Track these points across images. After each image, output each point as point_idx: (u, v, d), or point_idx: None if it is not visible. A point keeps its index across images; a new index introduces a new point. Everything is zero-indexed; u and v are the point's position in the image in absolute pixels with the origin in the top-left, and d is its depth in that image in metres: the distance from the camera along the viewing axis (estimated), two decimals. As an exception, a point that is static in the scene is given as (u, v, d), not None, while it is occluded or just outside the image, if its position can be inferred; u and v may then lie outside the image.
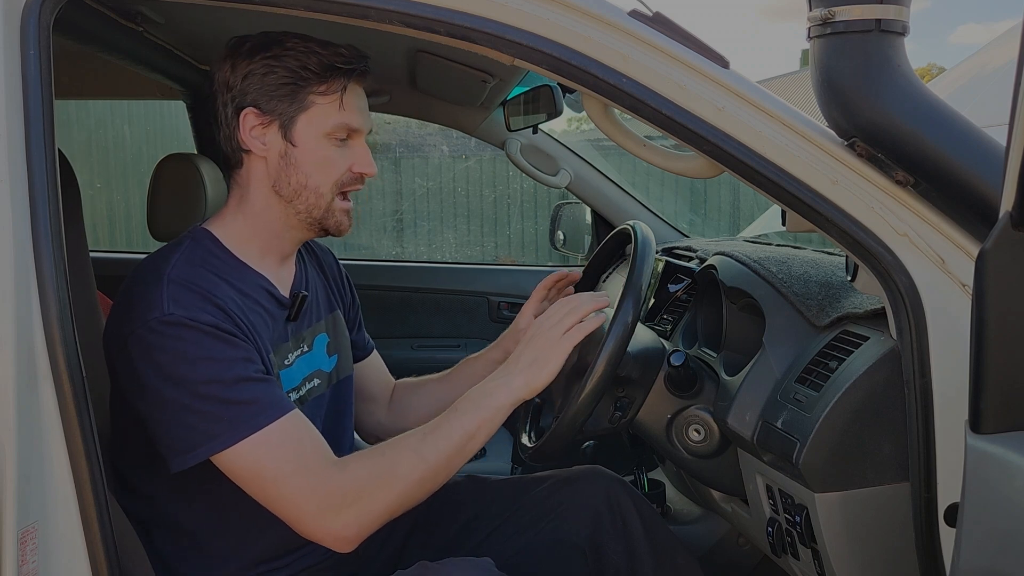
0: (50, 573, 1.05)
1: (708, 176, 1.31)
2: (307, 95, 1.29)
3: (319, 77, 1.29)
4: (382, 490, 1.21)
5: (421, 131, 8.17)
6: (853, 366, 1.28)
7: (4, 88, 1.02)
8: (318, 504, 1.19)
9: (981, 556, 0.97)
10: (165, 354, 1.17)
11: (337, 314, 1.55)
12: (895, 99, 1.15)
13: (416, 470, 1.23)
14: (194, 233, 1.35)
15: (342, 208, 1.35)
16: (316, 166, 1.31)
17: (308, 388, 1.42)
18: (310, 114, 1.30)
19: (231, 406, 1.18)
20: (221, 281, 1.28)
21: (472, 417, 1.27)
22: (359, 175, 1.35)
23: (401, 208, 8.36)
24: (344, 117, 1.31)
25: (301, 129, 1.30)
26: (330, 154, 1.32)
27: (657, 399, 1.58)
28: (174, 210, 2.05)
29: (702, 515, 2.21)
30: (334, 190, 1.33)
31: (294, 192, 1.32)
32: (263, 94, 1.29)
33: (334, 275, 1.61)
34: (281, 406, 1.21)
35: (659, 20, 1.20)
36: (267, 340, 1.31)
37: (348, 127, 1.32)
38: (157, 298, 1.19)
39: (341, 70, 1.29)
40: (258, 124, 1.30)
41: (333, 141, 1.32)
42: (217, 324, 1.20)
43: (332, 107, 1.30)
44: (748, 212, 7.43)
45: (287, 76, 1.28)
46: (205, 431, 1.17)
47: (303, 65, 1.28)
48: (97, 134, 6.72)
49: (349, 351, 1.57)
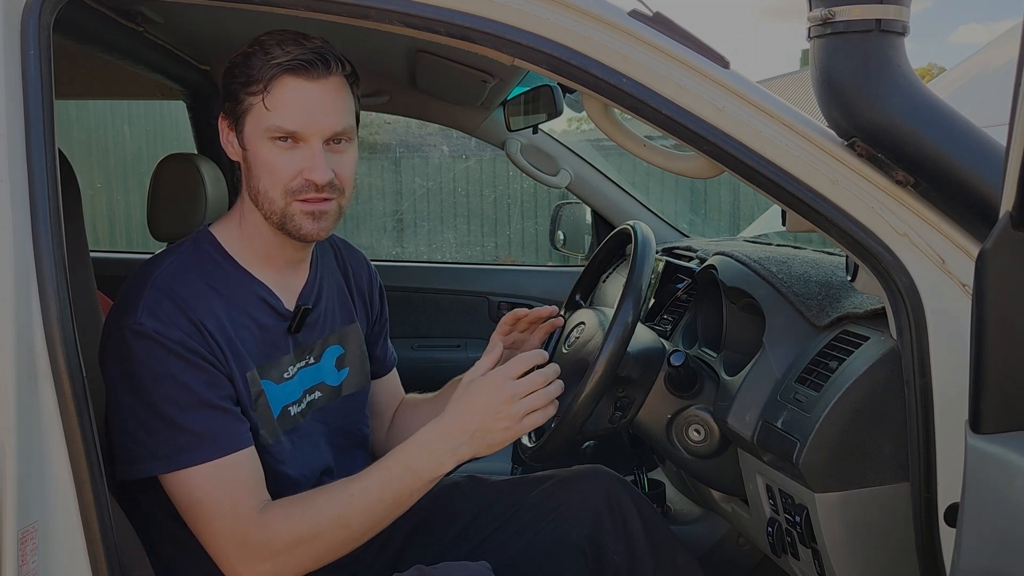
0: (50, 573, 1.05)
1: (708, 176, 1.31)
2: (244, 96, 1.24)
3: (245, 75, 1.23)
4: (301, 549, 1.19)
5: (421, 131, 8.18)
6: (853, 366, 1.28)
7: (4, 88, 1.02)
8: (238, 551, 1.18)
9: (981, 556, 0.97)
10: (131, 364, 1.18)
11: (355, 327, 1.50)
12: (895, 99, 1.15)
13: (338, 535, 1.20)
14: (197, 235, 1.34)
15: (301, 211, 1.26)
16: (263, 170, 1.25)
17: (309, 400, 1.40)
18: (250, 116, 1.25)
19: (182, 433, 1.18)
20: (209, 290, 1.27)
21: (407, 485, 1.21)
22: (309, 182, 1.24)
23: (401, 208, 8.36)
24: (272, 118, 1.22)
25: (247, 132, 1.26)
26: (273, 158, 1.24)
27: (657, 399, 1.58)
28: (174, 210, 2.05)
29: (702, 515, 2.21)
30: (285, 196, 1.25)
31: (255, 196, 1.28)
32: (225, 97, 1.28)
33: (361, 285, 1.55)
34: (231, 442, 1.20)
35: (659, 20, 1.20)
36: (251, 356, 1.29)
37: (281, 128, 1.22)
38: (135, 303, 1.20)
39: (267, 66, 1.21)
40: (227, 129, 1.30)
41: (276, 144, 1.23)
42: (184, 342, 1.19)
43: (260, 107, 1.23)
44: (748, 212, 7.43)
45: (236, 78, 1.25)
46: (150, 450, 1.18)
47: (245, 65, 1.24)
48: (97, 134, 6.72)
49: (365, 366, 1.52)
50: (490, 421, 1.22)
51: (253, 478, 1.23)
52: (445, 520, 1.57)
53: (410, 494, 1.22)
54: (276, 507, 1.22)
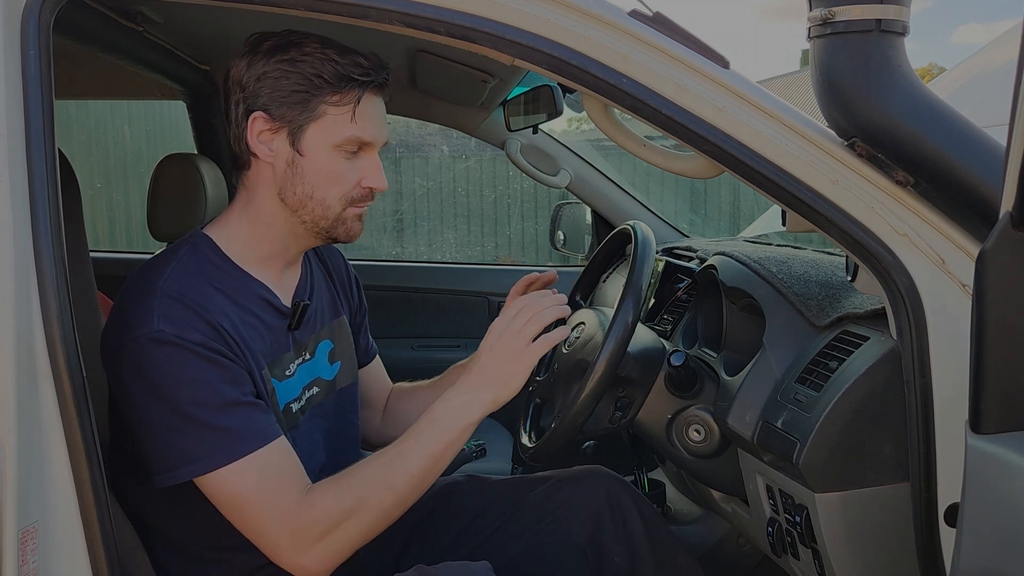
0: (50, 573, 1.05)
1: (708, 176, 1.31)
2: (319, 104, 1.24)
3: (332, 87, 1.24)
4: (352, 523, 1.20)
5: (421, 131, 8.18)
6: (853, 366, 1.28)
7: (4, 88, 1.02)
8: (290, 538, 1.19)
9: (981, 556, 0.97)
10: (154, 373, 1.17)
11: (342, 320, 1.52)
12: (895, 99, 1.15)
13: (385, 500, 1.21)
14: (193, 239, 1.32)
15: (353, 215, 1.31)
16: (323, 178, 1.27)
17: (308, 396, 1.40)
18: (320, 124, 1.25)
19: (214, 432, 1.17)
20: (216, 292, 1.26)
21: (438, 440, 1.23)
22: (369, 190, 1.30)
23: (401, 208, 8.36)
24: (356, 130, 1.26)
25: (310, 139, 1.26)
26: (339, 167, 1.27)
27: (657, 399, 1.58)
28: (174, 210, 2.05)
29: (702, 515, 2.21)
30: (343, 203, 1.29)
31: (299, 202, 1.28)
32: (274, 99, 1.25)
33: (341, 278, 1.57)
34: (263, 434, 1.20)
35: (659, 20, 1.20)
36: (262, 354, 1.29)
37: (360, 140, 1.27)
38: (148, 313, 1.18)
39: (356, 81, 1.24)
40: (266, 129, 1.26)
41: (343, 153, 1.27)
42: (206, 343, 1.18)
43: (344, 118, 1.25)
44: (748, 212, 7.43)
45: (300, 83, 1.24)
46: (186, 454, 1.17)
47: (318, 73, 1.23)
48: (97, 134, 6.72)
49: (354, 358, 1.54)
50: (499, 359, 1.26)
51: (292, 465, 1.23)
52: (445, 520, 1.57)
53: (444, 447, 1.24)
54: (317, 487, 1.23)
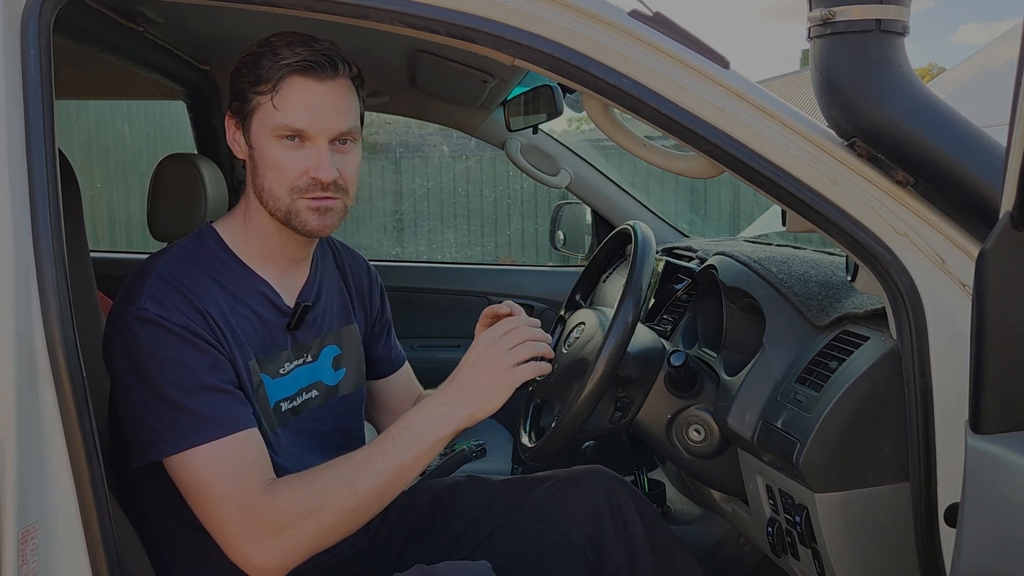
0: (50, 573, 1.05)
1: (708, 176, 1.31)
2: (250, 94, 1.26)
3: (254, 75, 1.25)
4: (310, 522, 1.18)
5: (421, 131, 8.18)
6: (853, 366, 1.28)
7: (4, 88, 1.02)
8: (246, 529, 1.17)
9: (981, 556, 0.97)
10: (136, 350, 1.19)
11: (353, 328, 1.51)
12: (895, 99, 1.15)
13: (346, 504, 1.19)
14: (199, 231, 1.35)
15: (307, 207, 1.27)
16: (269, 168, 1.27)
17: (304, 399, 1.40)
18: (257, 115, 1.26)
19: (187, 413, 1.18)
20: (212, 282, 1.28)
21: (409, 449, 1.21)
22: (316, 180, 1.26)
23: (401, 208, 8.35)
24: (280, 117, 1.24)
25: (254, 131, 1.27)
26: (280, 157, 1.26)
27: (657, 399, 1.58)
28: (174, 210, 2.05)
29: (702, 515, 2.21)
30: (290, 194, 1.27)
31: (260, 194, 1.30)
32: (233, 96, 1.30)
33: (361, 286, 1.57)
34: (236, 422, 1.20)
35: (659, 20, 1.20)
36: (251, 347, 1.30)
37: (289, 127, 1.24)
38: (139, 291, 1.21)
39: (276, 66, 1.23)
40: (233, 127, 1.31)
41: (284, 143, 1.25)
42: (188, 326, 1.20)
43: (269, 106, 1.25)
44: (748, 212, 7.43)
45: (241, 78, 1.27)
46: (158, 433, 1.18)
47: (244, 63, 1.27)
48: (97, 134, 6.72)
49: (362, 367, 1.53)
50: (481, 375, 1.23)
51: (258, 458, 1.22)
52: (445, 520, 1.57)
53: (414, 458, 1.21)
54: (282, 482, 1.21)
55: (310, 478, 1.21)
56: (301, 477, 1.22)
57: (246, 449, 1.21)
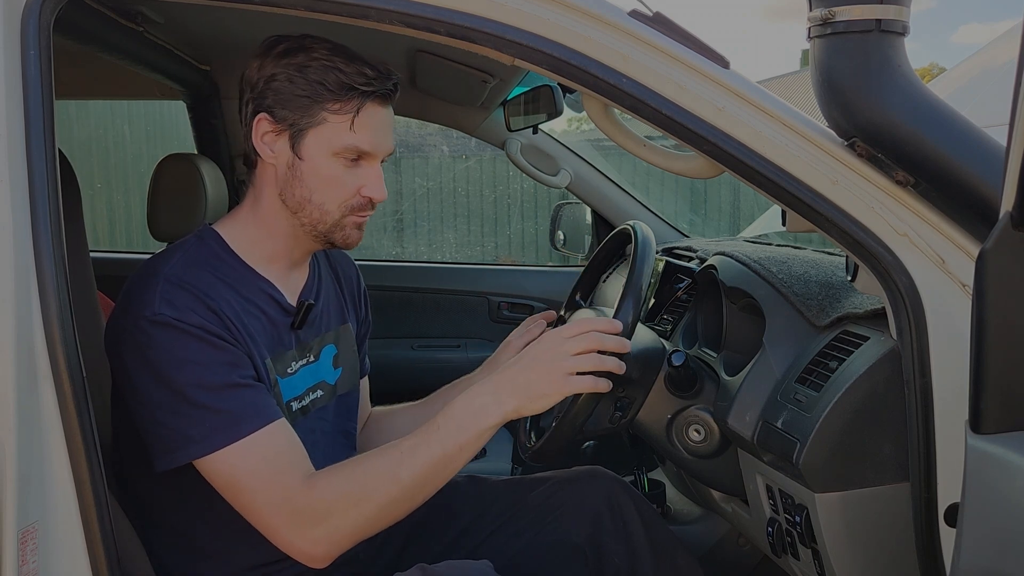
0: (50, 573, 1.05)
1: (708, 176, 1.31)
2: (320, 111, 1.25)
3: (334, 95, 1.25)
4: (353, 510, 1.18)
5: (421, 131, 8.17)
6: (853, 366, 1.28)
7: (4, 88, 1.02)
8: (288, 519, 1.18)
9: (981, 556, 0.97)
10: (154, 354, 1.18)
11: (348, 327, 1.52)
12: (895, 99, 1.15)
13: (390, 492, 1.19)
14: (201, 232, 1.34)
15: (353, 223, 1.31)
16: (321, 183, 1.28)
17: (312, 398, 1.40)
18: (320, 130, 1.26)
19: (213, 413, 1.17)
20: (219, 283, 1.27)
21: (454, 439, 1.20)
22: (368, 199, 1.30)
23: (401, 208, 8.35)
24: (354, 139, 1.26)
25: (310, 144, 1.27)
26: (337, 174, 1.28)
27: (657, 399, 1.58)
28: (174, 210, 2.05)
29: (702, 515, 2.21)
30: (341, 210, 1.29)
31: (298, 204, 1.30)
32: (278, 102, 1.26)
33: (351, 288, 1.58)
34: (263, 415, 1.20)
35: (659, 20, 1.20)
36: (264, 346, 1.30)
37: (358, 149, 1.27)
38: (150, 296, 1.20)
39: (358, 90, 1.25)
40: (270, 131, 1.28)
41: (342, 161, 1.27)
42: (204, 326, 1.19)
43: (343, 127, 1.25)
44: (748, 212, 7.43)
45: (304, 88, 1.25)
46: (186, 435, 1.18)
47: (321, 80, 1.24)
48: (97, 134, 6.72)
49: (356, 366, 1.54)
50: (537, 372, 1.21)
51: (292, 447, 1.22)
52: (445, 520, 1.57)
53: (459, 448, 1.20)
54: (322, 472, 1.22)
55: (352, 467, 1.22)
56: (343, 467, 1.22)
57: (278, 440, 1.20)
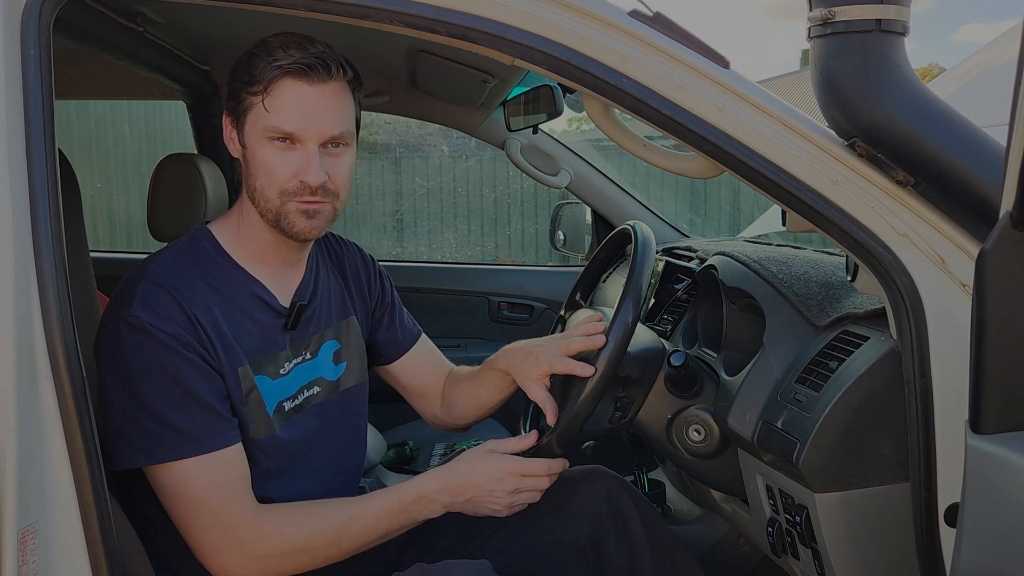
0: (50, 573, 1.05)
1: (708, 176, 1.31)
2: (244, 95, 1.27)
3: (248, 75, 1.25)
4: (289, 558, 1.25)
5: (421, 131, 8.18)
6: (853, 366, 1.28)
7: (4, 88, 1.02)
8: (228, 544, 1.22)
9: (981, 556, 0.97)
10: (123, 357, 1.19)
11: (351, 320, 1.52)
12: (895, 99, 1.15)
13: (328, 552, 1.28)
14: (195, 232, 1.35)
15: (296, 209, 1.27)
16: (260, 169, 1.27)
17: (306, 396, 1.41)
18: (251, 116, 1.27)
19: (166, 428, 1.19)
20: (204, 286, 1.28)
21: (399, 520, 1.33)
22: (305, 184, 1.25)
23: (401, 208, 8.36)
24: (270, 119, 1.24)
25: (247, 131, 1.28)
26: (270, 158, 1.26)
27: (657, 399, 1.58)
28: (174, 210, 2.05)
29: (702, 515, 2.21)
30: (280, 196, 1.27)
31: (252, 195, 1.30)
32: (229, 95, 1.30)
33: (357, 274, 1.56)
34: (214, 440, 1.22)
35: (659, 20, 1.20)
36: (246, 352, 1.30)
37: (278, 129, 1.24)
38: (131, 295, 1.22)
39: (268, 68, 1.23)
40: (230, 126, 1.32)
41: (276, 145, 1.25)
42: (178, 335, 1.20)
43: (260, 108, 1.25)
44: (748, 212, 7.43)
45: (236, 77, 1.28)
46: (133, 443, 1.19)
47: (240, 63, 1.27)
48: (97, 134, 6.72)
49: (363, 359, 1.54)
50: (485, 499, 1.36)
51: (240, 475, 1.25)
52: (445, 520, 1.56)
53: (400, 528, 1.34)
54: (272, 512, 1.24)
55: (300, 518, 1.27)
56: (290, 512, 1.27)
57: (225, 466, 1.23)
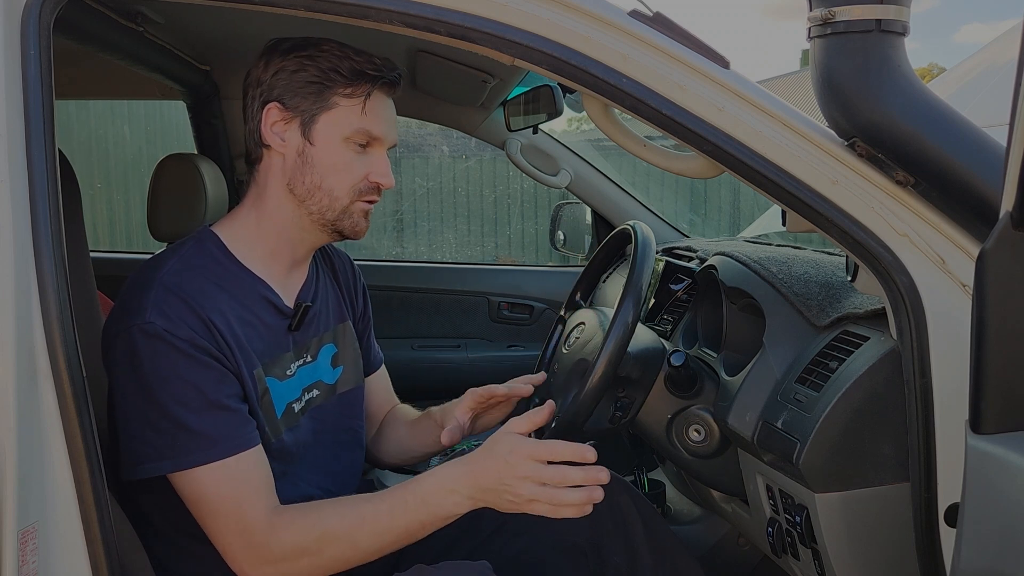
0: (50, 573, 1.05)
1: (708, 176, 1.31)
2: (332, 95, 1.29)
3: (346, 80, 1.29)
4: (305, 560, 1.22)
5: (421, 131, 8.17)
6: (853, 366, 1.28)
7: (4, 88, 1.02)
8: (244, 549, 1.21)
9: (981, 556, 0.97)
10: (140, 364, 1.19)
11: (347, 325, 1.53)
12: (895, 99, 1.15)
13: (345, 554, 1.23)
14: (199, 234, 1.34)
15: (360, 210, 1.34)
16: (331, 168, 1.31)
17: (307, 399, 1.41)
18: (332, 115, 1.30)
19: (189, 433, 1.19)
20: (215, 288, 1.27)
21: (420, 518, 1.21)
22: (375, 185, 1.33)
23: (401, 208, 8.35)
24: (365, 122, 1.30)
25: (321, 128, 1.30)
26: (347, 158, 1.31)
27: (657, 399, 1.58)
28: (174, 210, 2.05)
29: (702, 515, 2.21)
30: (350, 195, 1.32)
31: (307, 192, 1.31)
32: (289, 90, 1.30)
33: (348, 283, 1.58)
34: (237, 442, 1.21)
35: (659, 20, 1.20)
36: (257, 354, 1.30)
37: (368, 133, 1.31)
38: (144, 303, 1.20)
39: (369, 75, 1.30)
40: (280, 119, 1.31)
41: (352, 146, 1.31)
42: (193, 340, 1.20)
43: (355, 110, 1.30)
44: (748, 212, 7.43)
45: (316, 75, 1.29)
46: (157, 450, 1.19)
47: (333, 67, 1.29)
48: (97, 134, 6.72)
49: (359, 363, 1.54)
50: (503, 490, 1.19)
51: (260, 478, 1.24)
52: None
53: (421, 527, 1.22)
54: (286, 514, 1.23)
55: (314, 518, 1.23)
56: (304, 513, 1.23)
57: (246, 470, 1.22)
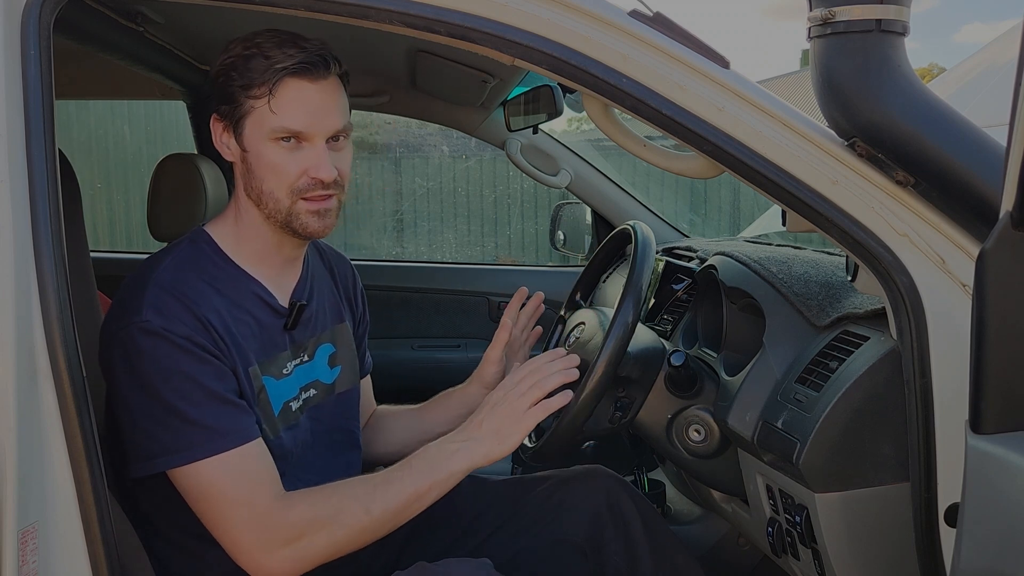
0: (50, 573, 1.05)
1: (708, 176, 1.31)
2: (243, 98, 1.25)
3: (247, 79, 1.23)
4: (321, 535, 1.21)
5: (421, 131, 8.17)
6: (853, 366, 1.28)
7: (4, 88, 1.02)
8: (258, 537, 1.20)
9: (981, 556, 0.97)
10: (139, 362, 1.19)
11: (345, 326, 1.52)
12: (895, 99, 1.15)
13: (360, 522, 1.23)
14: (193, 235, 1.35)
15: (307, 210, 1.28)
16: (267, 171, 1.26)
17: (304, 398, 1.41)
18: (252, 118, 1.25)
19: (193, 427, 1.19)
20: (209, 288, 1.28)
21: (426, 478, 1.25)
22: (317, 180, 1.26)
23: (401, 208, 8.35)
24: (278, 120, 1.24)
25: (248, 133, 1.26)
26: (278, 159, 1.25)
27: (657, 399, 1.58)
28: (174, 210, 2.05)
29: (702, 515, 2.21)
30: (289, 196, 1.27)
31: (258, 196, 1.29)
32: (220, 98, 1.28)
33: (347, 286, 1.58)
34: (242, 433, 1.21)
35: (659, 20, 1.20)
36: (252, 352, 1.30)
37: (287, 130, 1.24)
38: (140, 302, 1.21)
39: (270, 70, 1.23)
40: (221, 130, 1.30)
41: (281, 145, 1.25)
42: (191, 337, 1.20)
43: (265, 110, 1.24)
44: (748, 212, 7.43)
45: (233, 79, 1.25)
46: (165, 445, 1.19)
47: (233, 66, 1.25)
48: (97, 134, 6.72)
49: (355, 364, 1.54)
50: (499, 417, 1.28)
51: (267, 468, 1.24)
52: (445, 520, 1.57)
53: (430, 486, 1.26)
54: (295, 494, 1.24)
55: (327, 493, 1.24)
56: (318, 491, 1.24)
57: (253, 459, 1.22)
